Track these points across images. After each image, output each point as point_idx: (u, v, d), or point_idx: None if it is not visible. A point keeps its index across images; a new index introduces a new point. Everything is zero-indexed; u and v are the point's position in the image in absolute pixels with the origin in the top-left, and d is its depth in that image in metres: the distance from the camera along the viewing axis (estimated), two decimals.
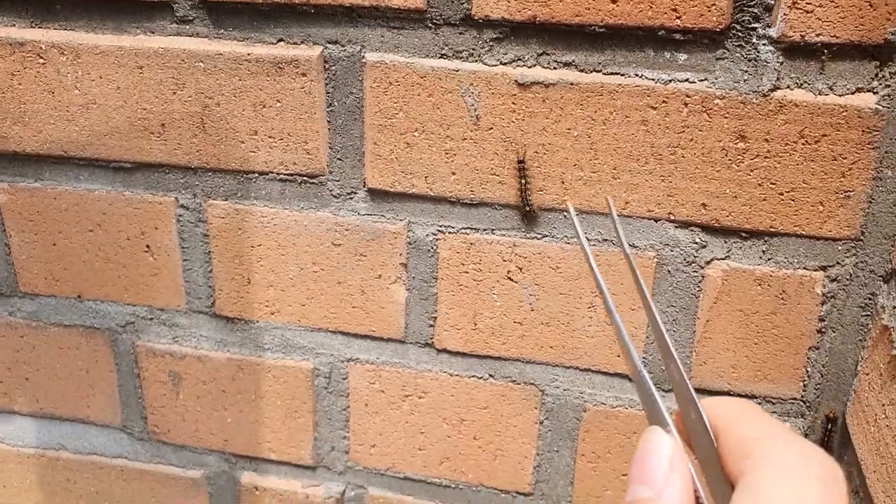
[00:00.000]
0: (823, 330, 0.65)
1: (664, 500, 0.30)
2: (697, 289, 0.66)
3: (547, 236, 0.67)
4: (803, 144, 0.60)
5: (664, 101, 0.61)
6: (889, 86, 0.58)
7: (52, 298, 0.80)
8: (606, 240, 0.66)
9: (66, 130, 0.71)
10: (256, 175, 0.70)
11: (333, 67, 0.66)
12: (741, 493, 0.29)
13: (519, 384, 0.73)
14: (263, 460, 0.82)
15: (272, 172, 0.70)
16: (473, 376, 0.74)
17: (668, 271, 0.66)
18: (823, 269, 0.64)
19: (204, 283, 0.76)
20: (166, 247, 0.75)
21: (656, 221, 0.65)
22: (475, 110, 0.64)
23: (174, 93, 0.69)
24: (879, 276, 0.63)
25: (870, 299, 0.64)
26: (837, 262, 0.63)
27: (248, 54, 0.66)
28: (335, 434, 0.79)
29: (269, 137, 0.69)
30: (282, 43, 0.66)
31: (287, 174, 0.70)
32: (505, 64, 0.62)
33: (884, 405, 0.58)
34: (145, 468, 0.86)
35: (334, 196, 0.70)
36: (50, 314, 0.81)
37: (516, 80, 0.62)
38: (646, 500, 0.31)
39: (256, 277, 0.74)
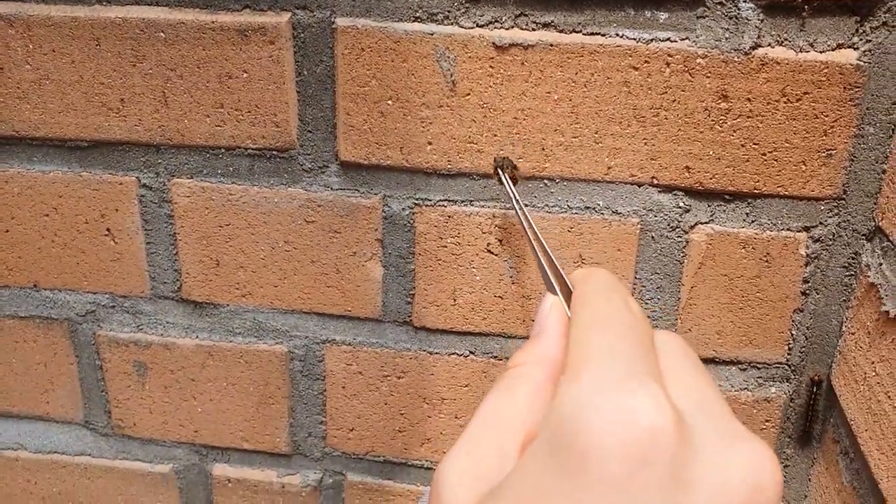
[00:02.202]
0: (808, 292, 0.65)
1: (545, 330, 0.37)
2: (682, 254, 0.65)
3: (527, 206, 0.66)
4: (785, 103, 0.59)
5: (646, 62, 0.60)
6: (870, 41, 0.57)
7: (5, 289, 0.76)
8: (589, 207, 0.65)
9: (17, 109, 0.68)
10: (223, 151, 0.67)
11: (303, 34, 0.63)
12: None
13: (501, 360, 0.72)
14: (236, 450, 0.79)
15: (240, 147, 0.67)
16: (454, 354, 0.72)
17: (652, 237, 0.65)
18: (807, 229, 0.63)
19: (169, 266, 0.72)
20: (128, 230, 0.71)
21: (639, 186, 0.64)
22: (451, 75, 0.62)
23: (133, 66, 0.65)
24: (862, 235, 0.62)
25: (853, 259, 0.63)
26: (820, 223, 0.63)
27: (212, 22, 0.63)
28: (312, 419, 0.76)
29: (236, 110, 0.66)
30: (247, 10, 0.63)
31: (255, 149, 0.67)
32: (482, 26, 0.60)
33: (873, 363, 0.58)
34: (110, 465, 0.82)
35: (305, 171, 0.67)
36: (3, 306, 0.76)
37: (494, 43, 0.60)
38: (532, 337, 0.37)
39: (226, 259, 0.71)
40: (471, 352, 0.72)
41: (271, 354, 0.74)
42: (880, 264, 0.59)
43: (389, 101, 0.63)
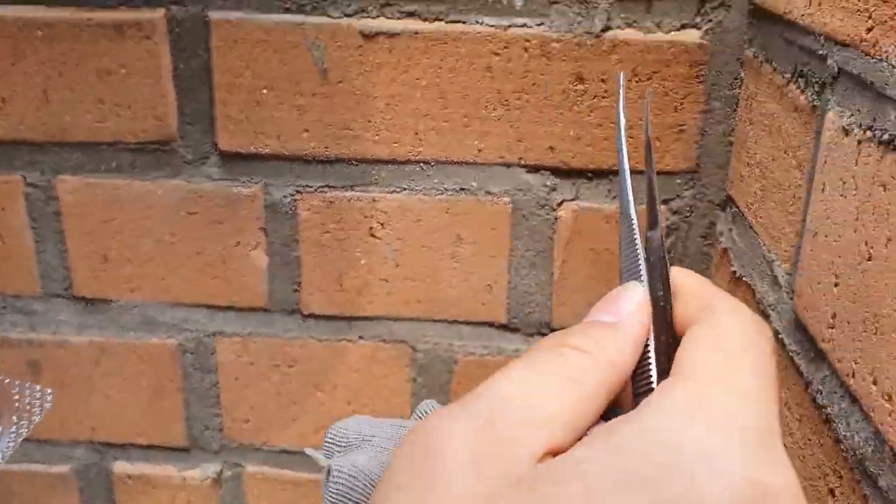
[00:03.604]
0: (670, 262, 0.68)
1: (622, 328, 0.29)
2: (552, 231, 0.68)
3: (406, 189, 0.68)
4: (637, 82, 0.63)
5: (505, 47, 0.63)
6: (711, 20, 0.62)
7: None
8: (463, 189, 0.68)
9: None
10: (105, 146, 0.69)
11: (178, 29, 0.65)
12: (700, 326, 0.28)
13: (389, 343, 0.74)
14: (135, 446, 0.79)
15: (121, 142, 0.68)
16: (343, 339, 0.74)
17: (524, 216, 0.68)
18: (665, 202, 0.67)
19: (59, 264, 0.73)
20: (16, 229, 0.72)
21: (508, 167, 0.67)
22: (322, 64, 0.64)
23: (13, 64, 0.66)
24: (716, 205, 0.66)
25: (710, 228, 0.67)
26: (677, 195, 0.67)
27: (89, 19, 0.65)
28: (207, 412, 0.77)
29: (116, 105, 0.67)
30: (123, 6, 0.65)
31: (137, 143, 0.68)
32: (349, 16, 0.63)
33: None
34: (6, 469, 0.81)
35: (186, 162, 0.69)
36: None
37: (361, 31, 0.63)
38: (605, 325, 0.29)
39: (113, 254, 0.72)
40: (360, 336, 0.74)
41: (163, 348, 0.75)
42: (730, 230, 0.63)
43: (264, 91, 0.65)
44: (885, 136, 0.36)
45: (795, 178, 0.49)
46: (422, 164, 0.67)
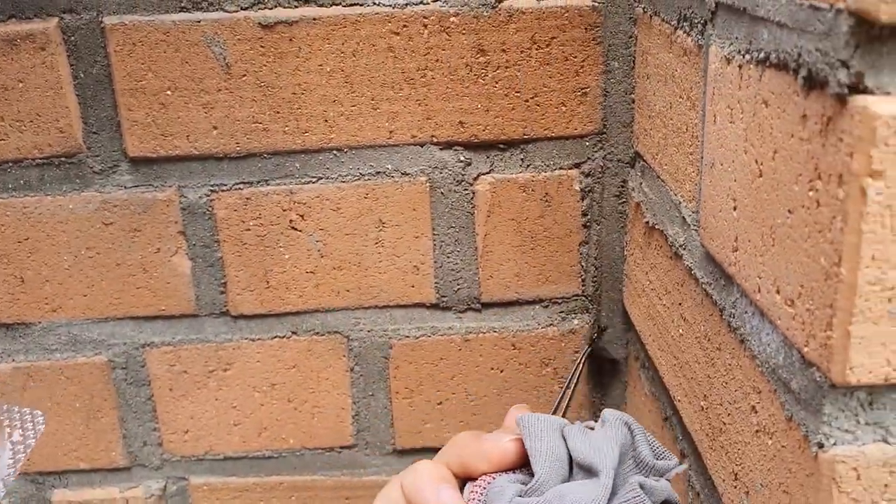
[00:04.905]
0: (588, 224, 0.70)
1: None
2: (471, 206, 0.69)
3: (322, 178, 0.68)
4: (536, 49, 0.65)
5: (405, 26, 0.64)
6: None
7: None
8: (380, 172, 0.68)
9: None
10: (10, 164, 0.67)
11: (73, 37, 0.64)
12: None
13: (323, 335, 0.74)
14: (74, 472, 0.77)
15: (27, 159, 0.67)
16: (276, 337, 0.74)
17: (442, 193, 0.69)
18: (577, 166, 0.68)
19: None
20: None
21: (422, 146, 0.67)
22: (225, 59, 0.64)
23: None
24: (626, 164, 0.68)
25: (622, 187, 0.69)
26: (588, 158, 0.68)
27: None
28: (144, 427, 0.76)
29: (18, 121, 0.66)
30: (13, 19, 0.64)
31: (43, 157, 0.67)
32: (246, 8, 0.63)
33: (646, 272, 0.63)
34: None
35: (96, 172, 0.68)
36: None
37: (260, 23, 0.63)
38: None
39: (30, 275, 0.70)
40: (293, 332, 0.73)
41: (92, 367, 0.73)
42: (641, 184, 0.65)
43: (168, 92, 0.65)
44: (761, 55, 0.38)
45: (691, 118, 0.51)
46: (335, 152, 0.67)
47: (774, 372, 0.40)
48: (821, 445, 0.34)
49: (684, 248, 0.54)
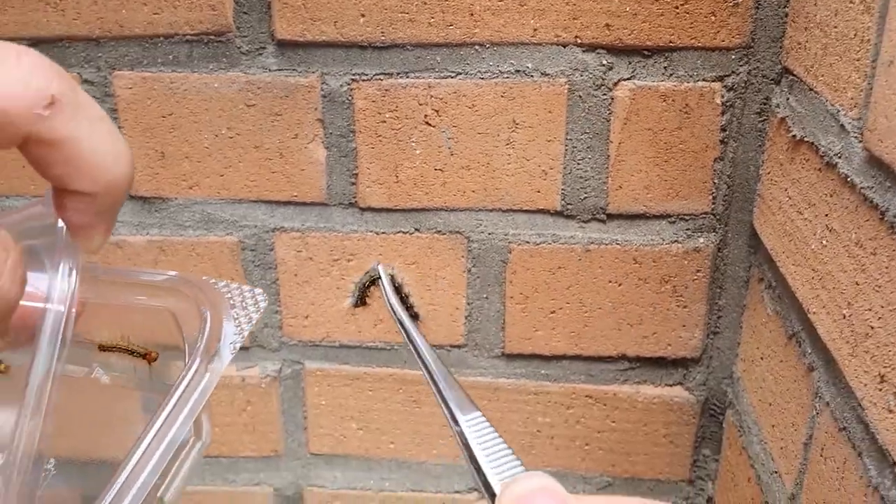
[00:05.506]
0: (726, 140, 0.69)
1: None
2: (608, 112, 0.69)
3: (461, 74, 0.69)
4: None
5: None
6: None
7: None
8: (519, 71, 0.68)
9: None
10: (162, 39, 0.69)
11: None
12: None
13: (444, 234, 0.75)
14: None
15: (177, 34, 0.69)
16: (399, 232, 0.75)
17: (580, 97, 0.69)
18: (720, 79, 0.67)
19: None
20: None
21: (564, 47, 0.67)
22: None
23: None
24: (771, 80, 0.67)
25: (764, 104, 0.68)
26: (733, 71, 0.67)
27: None
28: (267, 310, 0.78)
29: None
30: None
31: (193, 35, 0.69)
32: None
33: (785, 189, 0.63)
34: None
35: (243, 53, 0.69)
36: None
37: None
38: None
39: (170, 150, 0.73)
40: (416, 228, 0.75)
41: (222, 246, 0.76)
42: (787, 99, 0.64)
43: None
44: None
45: (864, 22, 0.50)
46: (477, 47, 0.68)
47: None
48: None
49: (839, 157, 0.53)
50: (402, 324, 0.40)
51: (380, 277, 0.43)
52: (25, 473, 0.32)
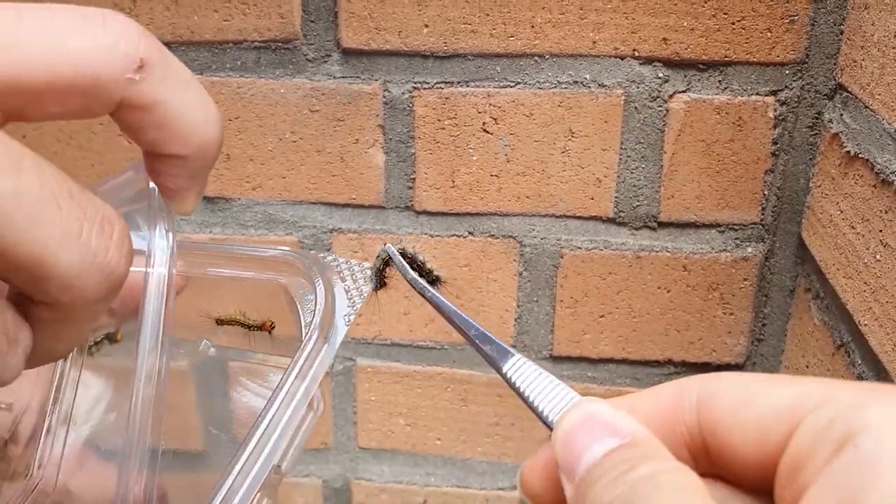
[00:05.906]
0: (777, 153, 0.71)
1: (642, 441, 0.27)
2: (663, 123, 0.71)
3: (520, 83, 0.71)
4: None
5: None
6: None
7: None
8: (577, 81, 0.70)
9: None
10: (230, 45, 0.72)
11: None
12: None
13: (497, 238, 0.77)
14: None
15: (246, 41, 0.71)
16: (453, 235, 0.77)
17: (636, 108, 0.70)
18: (774, 93, 0.69)
19: None
20: None
21: (622, 59, 0.69)
22: None
23: None
24: (824, 96, 0.68)
25: (816, 119, 0.69)
26: (786, 86, 0.69)
27: None
28: None
29: (243, 4, 0.70)
30: None
31: (261, 41, 0.71)
32: None
33: (837, 203, 0.64)
34: None
35: (309, 60, 0.72)
36: None
37: None
38: (618, 449, 0.26)
39: (235, 152, 0.76)
40: (469, 232, 0.77)
41: (282, 245, 0.79)
42: (841, 115, 0.65)
43: None
44: None
45: None
46: (537, 58, 0.70)
47: None
48: None
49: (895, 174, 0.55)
50: (423, 293, 0.41)
51: (391, 257, 0.45)
52: (144, 454, 0.33)
